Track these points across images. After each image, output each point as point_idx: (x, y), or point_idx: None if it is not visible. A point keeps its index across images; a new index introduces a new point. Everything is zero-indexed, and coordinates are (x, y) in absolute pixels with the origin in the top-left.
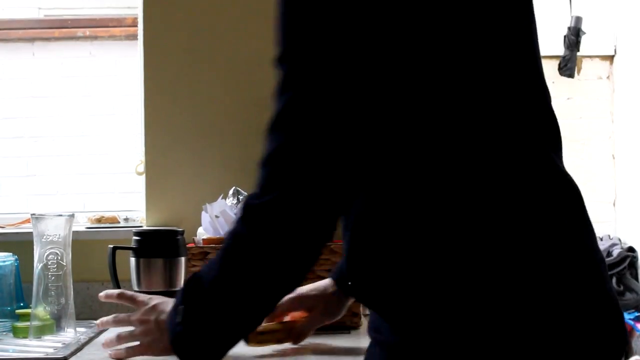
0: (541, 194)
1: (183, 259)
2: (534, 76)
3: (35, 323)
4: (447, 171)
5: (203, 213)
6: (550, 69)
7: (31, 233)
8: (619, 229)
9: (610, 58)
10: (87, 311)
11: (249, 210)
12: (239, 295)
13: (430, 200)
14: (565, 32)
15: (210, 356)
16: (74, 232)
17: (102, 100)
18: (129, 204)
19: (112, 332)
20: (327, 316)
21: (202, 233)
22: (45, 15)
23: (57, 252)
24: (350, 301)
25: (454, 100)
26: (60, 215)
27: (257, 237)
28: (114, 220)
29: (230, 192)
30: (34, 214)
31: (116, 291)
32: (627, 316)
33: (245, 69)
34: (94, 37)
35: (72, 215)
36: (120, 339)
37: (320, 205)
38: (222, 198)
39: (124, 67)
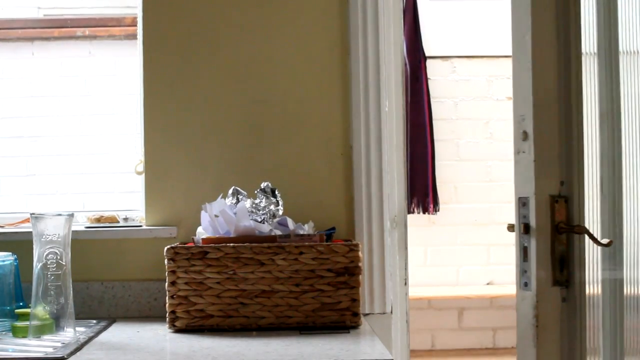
0: None
1: None
2: None
3: (35, 322)
4: None
5: (202, 212)
6: None
7: (30, 233)
8: None
9: None
10: (86, 311)
11: None
12: None
13: None
14: None
15: None
16: (73, 231)
17: (101, 100)
18: (129, 204)
19: (112, 332)
20: None
21: (202, 232)
22: (44, 15)
23: (57, 251)
24: None
25: None
26: (60, 215)
27: None
28: (113, 220)
29: (230, 191)
30: (33, 214)
31: None
32: None
33: (245, 69)
34: (94, 37)
35: (72, 215)
36: None
37: None
38: (221, 198)
39: (123, 66)
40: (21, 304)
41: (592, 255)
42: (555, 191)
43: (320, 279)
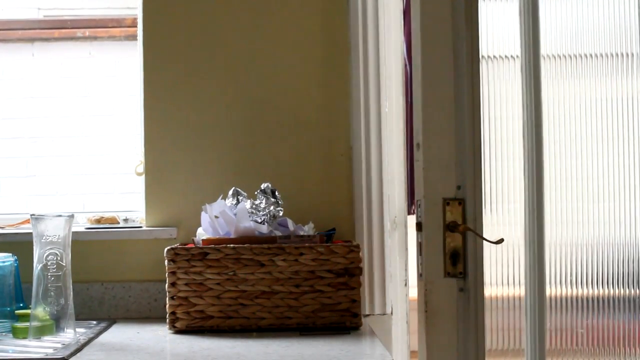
0: None
1: None
2: None
3: (35, 323)
4: None
5: (202, 213)
6: None
7: (31, 233)
8: None
9: None
10: (86, 311)
11: None
12: None
13: None
14: None
15: None
16: (73, 232)
17: (101, 100)
18: (129, 205)
19: (112, 333)
20: None
21: (202, 233)
22: (44, 16)
23: (57, 252)
24: None
25: None
26: (60, 216)
27: None
28: (113, 220)
29: (230, 192)
30: (33, 215)
31: None
32: None
33: (245, 70)
34: (94, 38)
35: (72, 216)
36: None
37: None
38: (221, 198)
39: (123, 67)
40: (21, 305)
41: (507, 253)
42: (451, 194)
43: (320, 280)
